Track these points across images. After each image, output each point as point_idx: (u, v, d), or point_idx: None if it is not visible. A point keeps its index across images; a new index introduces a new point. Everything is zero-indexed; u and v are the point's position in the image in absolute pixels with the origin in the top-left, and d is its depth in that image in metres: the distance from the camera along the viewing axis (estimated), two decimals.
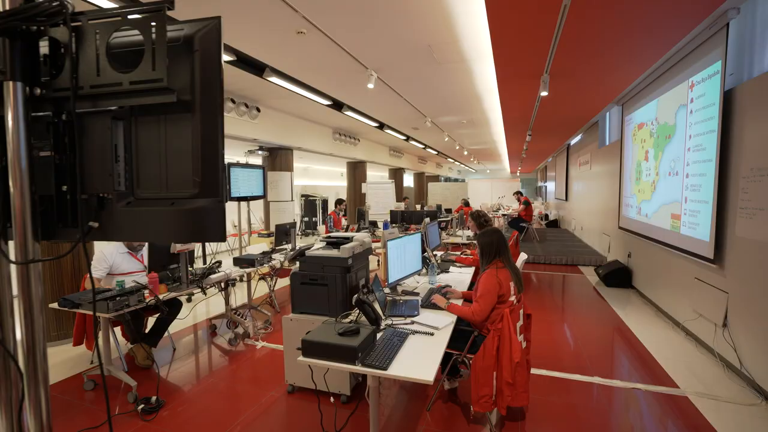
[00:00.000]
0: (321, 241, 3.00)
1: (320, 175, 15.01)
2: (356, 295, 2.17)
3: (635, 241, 5.50)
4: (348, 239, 2.90)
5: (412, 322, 2.25)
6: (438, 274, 3.51)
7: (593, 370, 3.18)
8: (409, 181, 19.50)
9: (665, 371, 3.15)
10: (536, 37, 3.08)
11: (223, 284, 3.89)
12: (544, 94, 4.02)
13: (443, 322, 2.21)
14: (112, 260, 3.26)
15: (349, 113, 6.56)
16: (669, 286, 4.37)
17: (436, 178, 21.82)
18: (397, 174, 14.96)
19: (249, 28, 3.37)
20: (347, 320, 2.29)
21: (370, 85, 4.51)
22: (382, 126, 8.17)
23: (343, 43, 3.66)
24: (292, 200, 7.63)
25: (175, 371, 3.28)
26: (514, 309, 2.29)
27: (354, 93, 5.60)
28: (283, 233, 4.81)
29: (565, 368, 3.19)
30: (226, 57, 3.83)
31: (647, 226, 4.86)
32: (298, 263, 2.83)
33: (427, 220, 4.42)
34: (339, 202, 7.89)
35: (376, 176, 17.14)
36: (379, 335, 2.05)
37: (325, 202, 14.00)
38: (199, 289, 3.22)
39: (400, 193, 14.56)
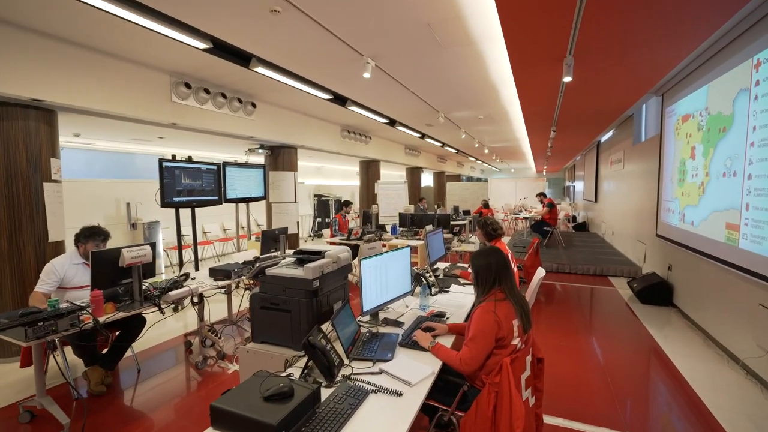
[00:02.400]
0: (288, 256, 2.51)
1: (335, 174, 14.63)
2: (307, 336, 1.66)
3: (677, 253, 4.73)
4: (319, 254, 2.40)
5: (380, 371, 1.71)
6: (435, 295, 2.96)
7: (624, 420, 2.54)
8: (429, 180, 18.84)
9: (721, 425, 2.47)
10: (554, 7, 2.47)
11: (196, 298, 3.49)
12: (567, 79, 3.37)
13: (420, 374, 1.67)
14: (63, 273, 2.89)
15: (354, 108, 6.06)
16: (723, 310, 3.63)
17: (457, 178, 21.01)
18: (414, 173, 14.35)
19: (217, 8, 2.92)
20: (298, 365, 1.79)
21: (366, 75, 3.98)
22: (393, 123, 7.63)
23: (326, 22, 3.15)
24: (295, 201, 7.22)
25: (130, 400, 2.88)
26: (518, 356, 1.71)
27: (355, 86, 5.10)
28: (270, 239, 4.37)
29: (587, 417, 2.57)
30: (199, 44, 3.41)
31: (693, 236, 4.11)
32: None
33: (429, 227, 3.84)
34: (345, 203, 7.43)
35: (395, 176, 16.60)
36: (330, 392, 1.54)
37: (338, 203, 13.61)
38: (156, 308, 2.80)
39: (417, 194, 13.97)
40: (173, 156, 5.06)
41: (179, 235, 5.17)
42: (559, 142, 9.11)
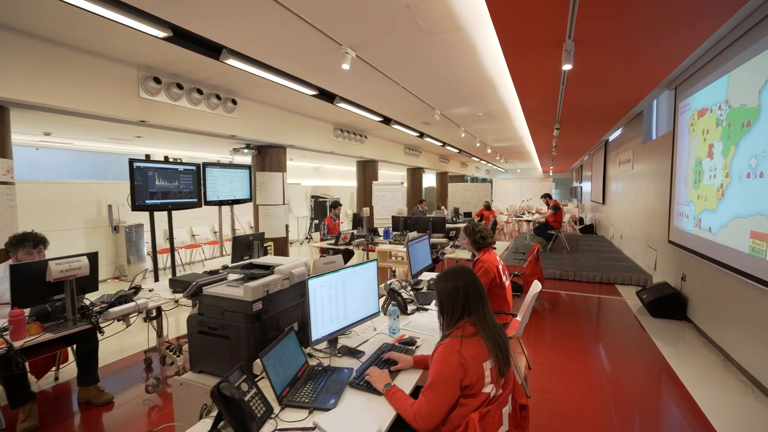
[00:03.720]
0: (234, 272, 2.15)
1: (334, 175, 14.30)
2: (219, 383, 1.30)
3: (692, 261, 4.29)
4: (268, 270, 2.05)
5: (314, 426, 1.35)
6: (412, 313, 2.59)
7: None
8: (431, 181, 18.42)
9: None
10: None
11: (153, 312, 3.16)
12: (567, 67, 2.98)
13: (366, 431, 1.30)
14: None
15: (343, 105, 5.70)
16: (746, 329, 3.20)
17: (461, 179, 20.52)
18: (415, 174, 13.96)
19: None
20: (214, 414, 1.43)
21: (345, 66, 3.63)
22: (388, 121, 7.27)
23: (291, 5, 2.80)
24: (284, 204, 6.89)
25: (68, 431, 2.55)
26: (491, 409, 1.34)
27: (341, 81, 4.73)
28: (243, 246, 4.03)
29: None
30: (158, 32, 3.08)
31: (711, 244, 3.68)
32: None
33: (413, 234, 3.47)
34: (335, 205, 7.08)
35: (396, 176, 16.22)
36: None
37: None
38: (93, 327, 2.46)
39: (418, 195, 13.58)
40: (147, 156, 4.76)
41: (153, 239, 4.86)
42: (563, 141, 8.66)
